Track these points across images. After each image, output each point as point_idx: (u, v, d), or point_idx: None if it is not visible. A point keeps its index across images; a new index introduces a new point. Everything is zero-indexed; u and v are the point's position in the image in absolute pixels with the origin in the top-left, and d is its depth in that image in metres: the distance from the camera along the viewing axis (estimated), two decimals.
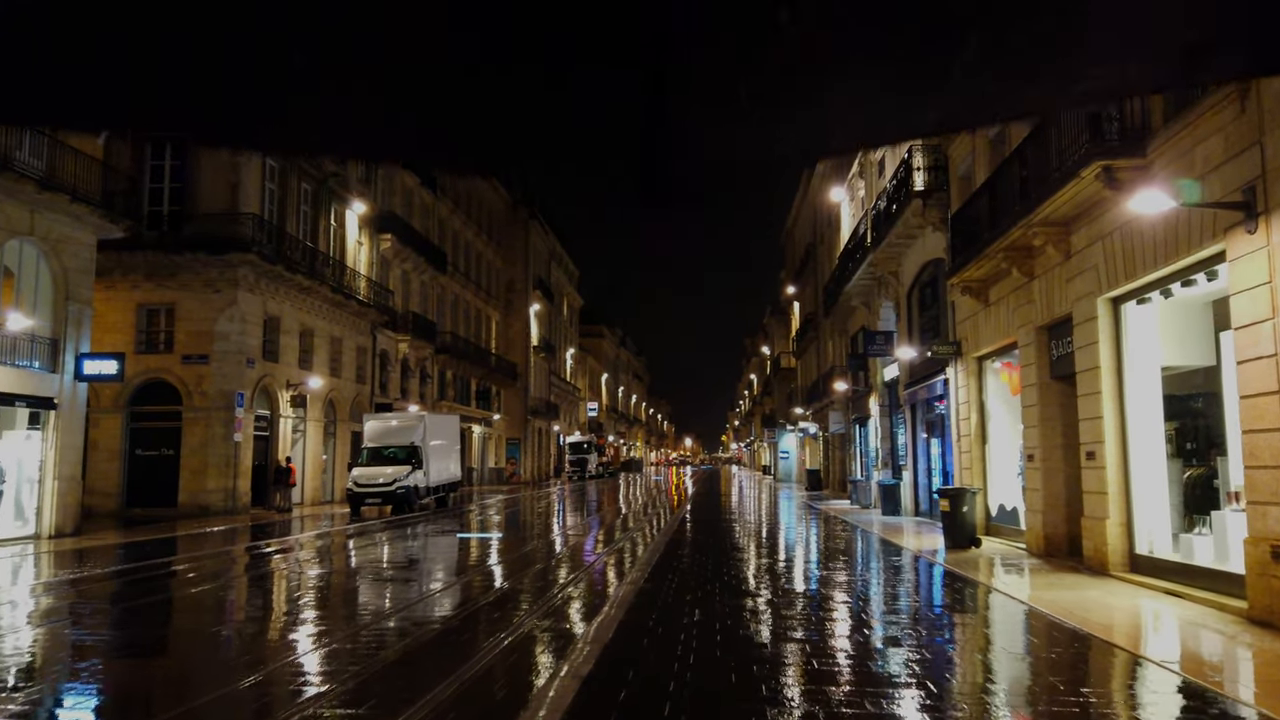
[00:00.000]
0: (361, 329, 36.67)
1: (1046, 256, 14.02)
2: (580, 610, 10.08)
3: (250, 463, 28.32)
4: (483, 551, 17.49)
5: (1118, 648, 8.07)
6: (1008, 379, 17.48)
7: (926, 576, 13.24)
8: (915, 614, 10.05)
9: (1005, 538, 16.97)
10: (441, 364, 47.23)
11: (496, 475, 58.42)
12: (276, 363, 29.95)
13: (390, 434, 29.75)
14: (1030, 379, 15.18)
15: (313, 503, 32.47)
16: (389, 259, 40.41)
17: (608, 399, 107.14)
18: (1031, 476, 15.18)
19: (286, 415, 30.49)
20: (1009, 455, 17.76)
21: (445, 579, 13.10)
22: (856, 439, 34.73)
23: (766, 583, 12.08)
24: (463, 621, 9.30)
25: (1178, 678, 7.07)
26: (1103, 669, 7.61)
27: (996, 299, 16.83)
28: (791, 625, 9.00)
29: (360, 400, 36.55)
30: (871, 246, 25.07)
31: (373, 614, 10.16)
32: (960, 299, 18.95)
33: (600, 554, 16.37)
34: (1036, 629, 9.02)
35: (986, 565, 13.97)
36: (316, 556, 16.86)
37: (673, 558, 14.83)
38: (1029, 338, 15.17)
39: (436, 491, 30.83)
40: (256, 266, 27.82)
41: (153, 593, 12.94)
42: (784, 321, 66.90)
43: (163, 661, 8.60)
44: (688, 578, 12.18)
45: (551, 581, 12.52)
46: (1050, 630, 8.89)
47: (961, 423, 19.37)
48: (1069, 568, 13.06)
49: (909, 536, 19.13)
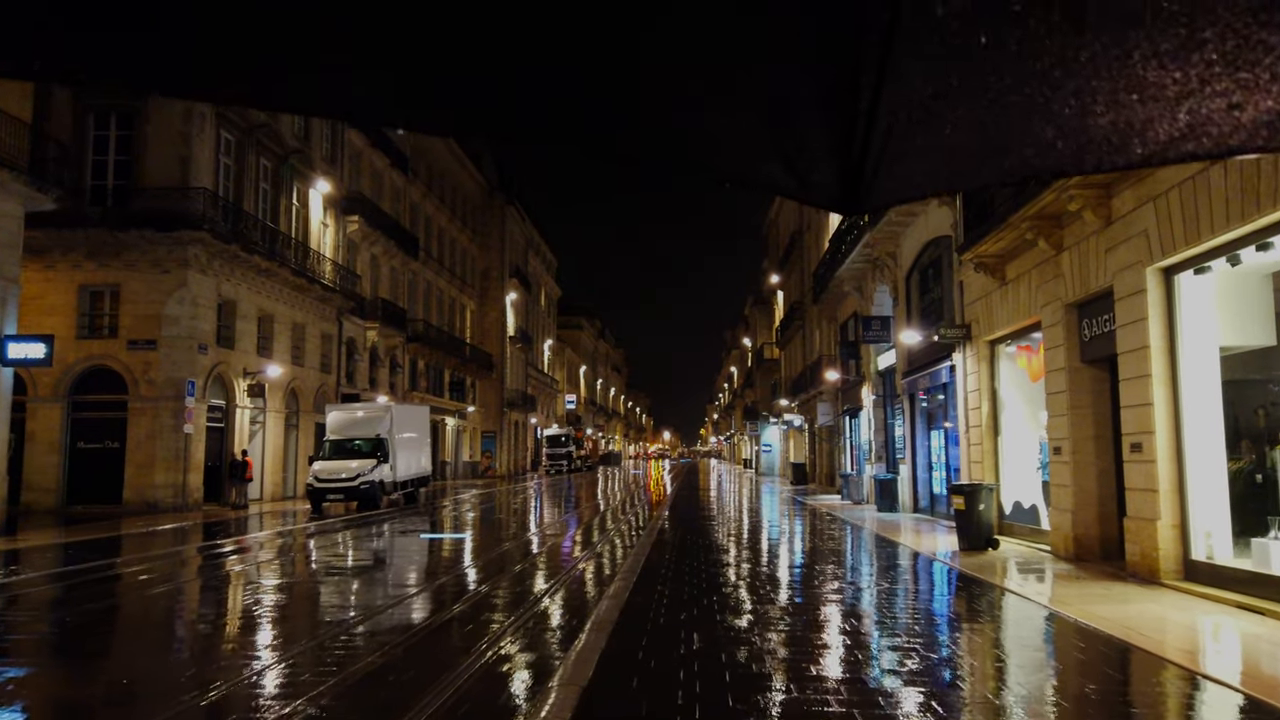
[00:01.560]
0: (326, 315, 34.74)
1: (1081, 224, 12.46)
2: (554, 635, 8.41)
3: (203, 456, 26.41)
4: (447, 556, 15.78)
5: (1210, 679, 6.51)
6: (1026, 364, 15.96)
7: (950, 585, 11.67)
8: (956, 636, 8.47)
9: (1023, 538, 15.46)
10: (413, 353, 45.34)
11: (471, 469, 56.59)
12: (232, 349, 28.02)
13: (354, 425, 27.95)
14: (1057, 363, 13.64)
15: (273, 499, 30.58)
16: (356, 242, 38.47)
17: (586, 391, 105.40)
18: (1058, 471, 13.65)
19: (243, 406, 28.56)
20: (1026, 448, 16.25)
21: (397, 593, 11.39)
22: (847, 431, 33.23)
23: (771, 597, 10.45)
24: (408, 653, 7.60)
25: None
26: (1209, 709, 6.04)
27: (1015, 276, 15.29)
28: (816, 657, 7.38)
29: (325, 390, 34.64)
30: (868, 225, 23.51)
31: (293, 640, 8.46)
32: (971, 278, 17.40)
33: (578, 558, 14.70)
34: (1098, 653, 7.45)
35: (1012, 571, 12.43)
36: (259, 562, 15.09)
37: (659, 563, 13.20)
38: (1055, 317, 13.63)
39: (405, 486, 29.06)
40: (209, 245, 25.87)
41: (89, 600, 11.22)
42: (767, 312, 65.43)
43: (97, 683, 7.14)
44: (678, 589, 10.54)
45: (521, 595, 10.85)
46: (1119, 657, 7.34)
47: (971, 412, 17.84)
48: (1109, 574, 11.54)
49: (914, 536, 17.60)
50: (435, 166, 50.56)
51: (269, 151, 30.51)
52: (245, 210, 28.55)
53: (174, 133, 26.06)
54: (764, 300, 66.40)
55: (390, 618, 9.18)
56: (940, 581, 12.14)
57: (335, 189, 35.54)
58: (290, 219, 32.30)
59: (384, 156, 41.03)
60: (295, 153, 32.30)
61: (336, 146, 36.52)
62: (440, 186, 51.64)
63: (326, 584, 12.34)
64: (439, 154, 51.05)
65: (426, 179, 48.74)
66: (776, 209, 56.98)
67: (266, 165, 30.61)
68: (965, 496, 14.58)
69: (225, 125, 27.78)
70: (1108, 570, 11.88)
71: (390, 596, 10.71)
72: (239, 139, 28.61)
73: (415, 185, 46.65)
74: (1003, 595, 10.58)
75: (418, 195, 47.19)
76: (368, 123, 2.88)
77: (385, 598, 10.63)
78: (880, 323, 24.52)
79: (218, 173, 27.59)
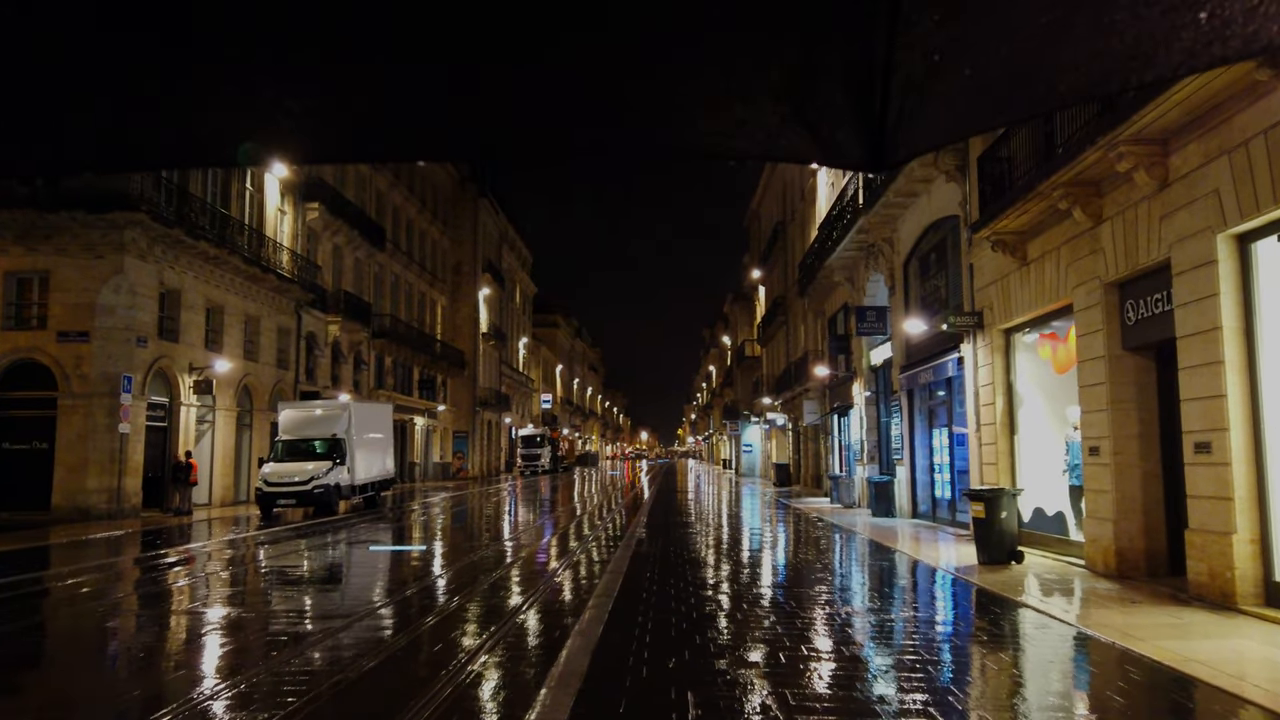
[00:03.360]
0: (284, 307, 32.62)
1: (1129, 188, 10.76)
2: (505, 695, 6.55)
3: (142, 458, 24.28)
4: (394, 574, 13.87)
5: None
6: (1050, 354, 14.27)
7: (981, 609, 9.89)
8: (1012, 681, 6.71)
9: (1047, 549, 13.76)
10: (379, 349, 43.24)
11: (442, 470, 54.50)
12: (176, 343, 25.89)
13: (309, 424, 25.92)
14: (1093, 350, 11.94)
15: (223, 503, 28.46)
16: (317, 231, 36.35)
17: (562, 391, 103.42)
18: (1095, 475, 11.95)
19: (189, 403, 26.44)
20: (1048, 447, 14.57)
21: (322, 626, 9.48)
22: (835, 430, 31.53)
23: (777, 632, 8.63)
24: None
25: None
26: None
27: (1039, 255, 13.58)
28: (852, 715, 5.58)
29: (283, 387, 32.53)
30: (863, 208, 21.80)
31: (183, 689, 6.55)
32: (984, 260, 15.71)
33: (545, 576, 12.84)
34: (1212, 712, 5.71)
35: (1049, 591, 10.71)
36: (188, 579, 13.12)
37: (638, 585, 11.38)
38: (1092, 298, 11.92)
39: (365, 490, 27.06)
40: (149, 229, 23.76)
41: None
42: (748, 308, 63.78)
43: None
44: (663, 622, 8.70)
45: (473, 629, 8.99)
46: (1226, 712, 5.61)
47: (983, 409, 16.15)
48: (1166, 596, 9.83)
49: (921, 546, 15.88)
50: None
51: None
52: (191, 193, 26.43)
53: None
54: (745, 296, 64.74)
55: (304, 667, 7.29)
56: (968, 604, 10.39)
57: (293, 174, 33.42)
58: (243, 204, 30.17)
59: None
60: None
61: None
62: (409, 176, 49.52)
63: (257, 603, 10.41)
64: None
65: (394, 167, 46.58)
66: (758, 200, 55.30)
67: None
68: (985, 503, 12.85)
69: None
70: (1162, 591, 10.18)
71: (319, 631, 8.81)
72: None
73: (381, 173, 44.54)
74: (1047, 623, 8.83)
75: (384, 184, 45.08)
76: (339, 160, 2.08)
77: (317, 632, 8.73)
78: (875, 313, 22.82)
79: None
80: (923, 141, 1.50)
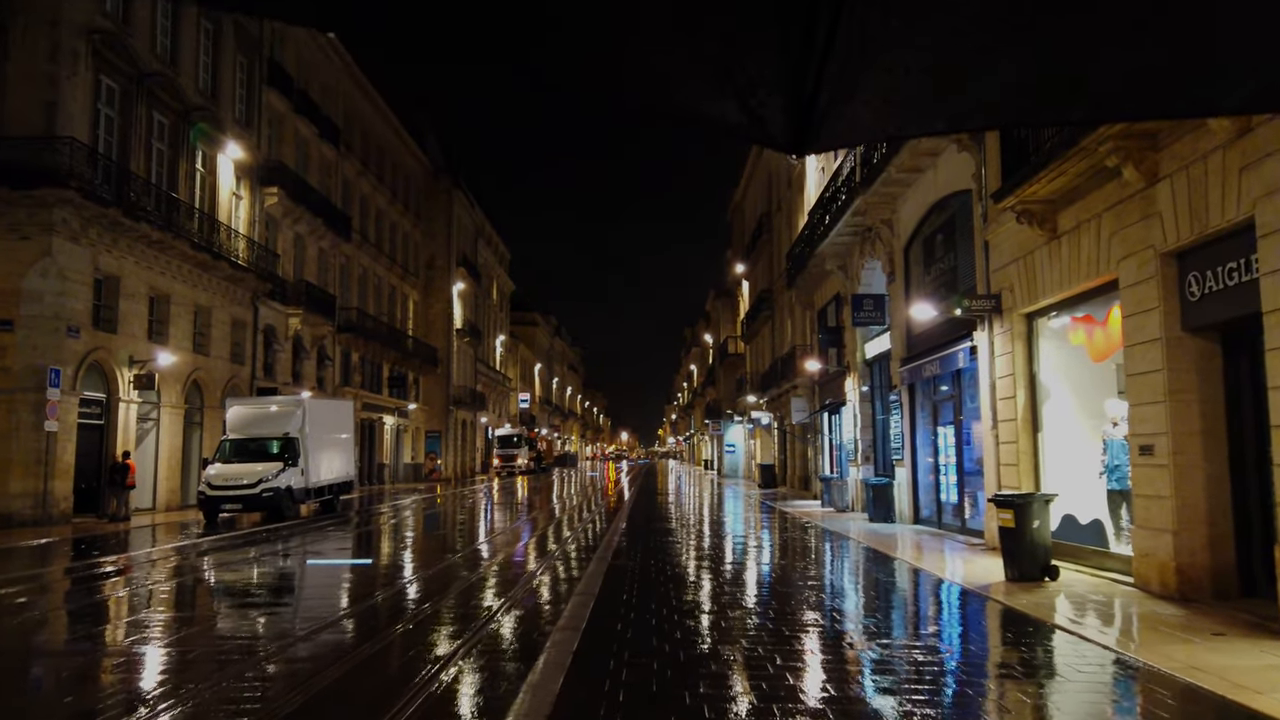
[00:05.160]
0: (239, 298, 30.52)
1: (1198, 136, 9.04)
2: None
3: (73, 459, 22.18)
4: (330, 594, 11.99)
5: None
6: (1084, 339, 12.54)
7: (1021, 641, 8.11)
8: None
9: (1081, 563, 12.05)
10: (345, 344, 41.16)
11: (414, 472, 52.43)
12: (114, 333, 23.80)
13: (259, 422, 23.94)
14: (1145, 333, 10.22)
15: (169, 508, 26.37)
16: (277, 218, 34.26)
17: (541, 390, 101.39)
18: (1148, 478, 10.23)
19: (129, 399, 24.34)
20: (1079, 446, 12.87)
21: (204, 669, 7.58)
22: (826, 429, 29.80)
23: (794, 686, 6.80)
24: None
25: None
26: None
27: (1073, 225, 11.86)
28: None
29: (238, 383, 30.44)
30: (861, 185, 20.05)
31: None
32: (1003, 236, 13.99)
33: (501, 605, 10.99)
34: None
35: (1102, 616, 8.97)
36: (107, 598, 11.16)
37: (612, 611, 9.58)
38: (1144, 271, 10.21)
39: (321, 493, 25.10)
40: (81, 209, 21.69)
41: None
42: (731, 304, 62.10)
43: None
44: (641, 674, 6.87)
45: (403, 675, 7.13)
46: None
47: (1000, 404, 14.43)
48: (1252, 625, 8.12)
49: (932, 558, 14.14)
50: (372, 141, 46.36)
51: (164, 106, 26.29)
52: (132, 171, 24.33)
53: (37, 73, 21.84)
54: (728, 292, 63.04)
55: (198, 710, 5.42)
56: (1011, 633, 8.61)
57: (250, 156, 31.32)
58: (193, 186, 28.06)
59: (310, 124, 36.82)
60: (199, 110, 28.10)
61: (252, 108, 32.29)
62: (379, 164, 47.43)
63: (157, 636, 8.50)
64: (377, 129, 46.87)
65: (362, 154, 44.53)
66: (741, 193, 53.61)
67: (162, 121, 26.37)
68: (1016, 511, 11.12)
69: (106, 70, 23.57)
70: (1242, 619, 8.46)
71: (223, 675, 6.93)
72: (124, 87, 24.40)
73: (349, 160, 42.45)
74: (1117, 662, 7.08)
75: (351, 171, 42.97)
76: None
77: (217, 686, 6.85)
78: (873, 301, 21.08)
79: (96, 125, 23.38)
80: (846, 133, 1.55)
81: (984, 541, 15.06)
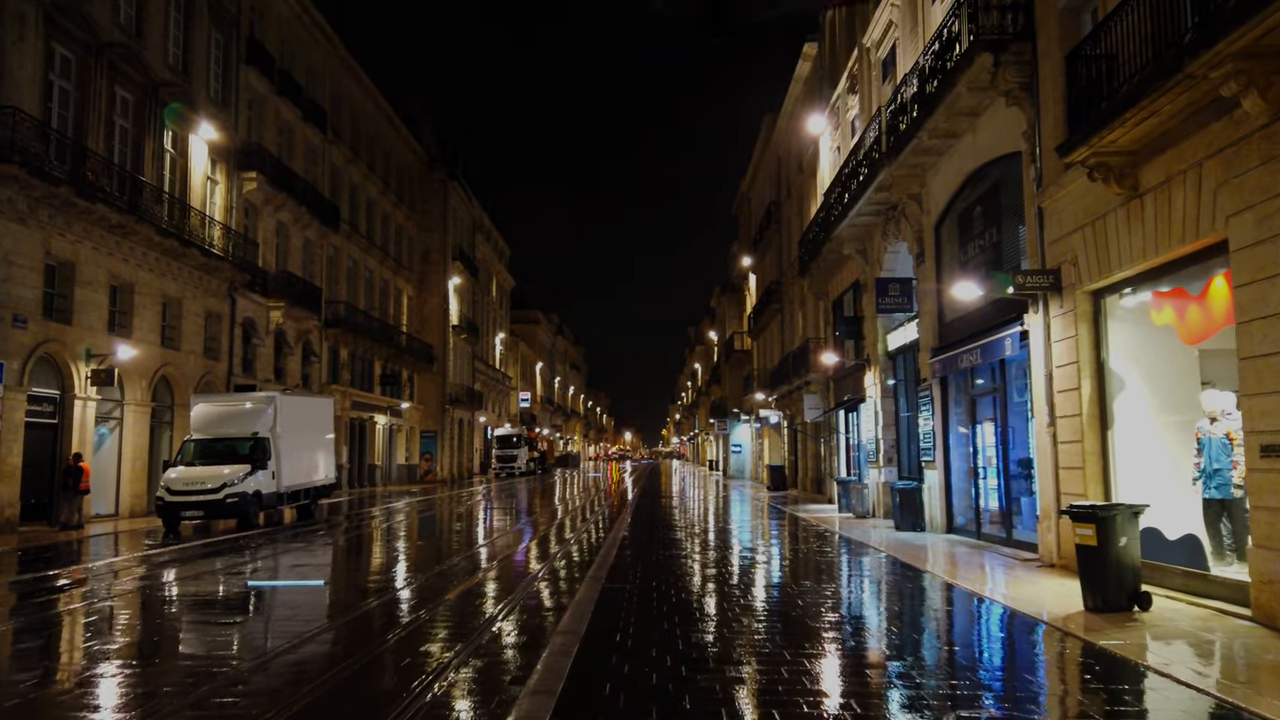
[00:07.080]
0: (214, 289, 28.56)
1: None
2: None
3: (20, 461, 20.21)
4: (248, 640, 10.00)
5: None
6: (1174, 318, 10.49)
7: (1130, 697, 6.08)
8: None
9: (1170, 588, 10.02)
10: (332, 340, 39.20)
11: (408, 473, 50.46)
12: (69, 325, 21.86)
13: (227, 421, 21.98)
14: (1267, 305, 8.19)
15: (133, 514, 24.41)
16: (257, 205, 32.30)
17: (542, 389, 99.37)
18: (1271, 485, 8.19)
19: (86, 397, 22.38)
20: (1163, 446, 10.86)
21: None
22: (843, 427, 27.74)
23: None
24: None
25: None
26: None
27: (1162, 179, 9.83)
28: None
29: (213, 380, 28.48)
30: (887, 156, 18.01)
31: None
32: (1065, 201, 11.97)
33: (471, 638, 8.97)
34: None
35: (1229, 664, 6.95)
36: (46, 624, 9.18)
37: (604, 643, 7.59)
38: (1265, 228, 8.18)
39: (297, 498, 23.12)
40: (27, 186, 19.73)
41: None
42: (737, 300, 60.04)
43: None
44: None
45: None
46: None
47: (1059, 397, 12.40)
48: None
49: (984, 578, 12.11)
50: (363, 128, 44.38)
51: (128, 80, 24.33)
52: (90, 149, 22.38)
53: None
54: (734, 287, 60.98)
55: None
56: (1117, 687, 6.57)
57: (226, 138, 29.38)
58: (160, 167, 26.11)
59: (294, 108, 34.84)
60: (168, 86, 26.14)
61: (229, 87, 30.32)
62: (370, 153, 45.46)
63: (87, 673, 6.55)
64: (368, 115, 44.90)
65: (352, 141, 42.57)
66: (748, 183, 51.57)
67: (125, 98, 24.42)
68: (1098, 525, 9.10)
69: (59, 37, 21.62)
70: None
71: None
72: (81, 58, 22.45)
73: (338, 147, 40.49)
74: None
75: (340, 159, 41.01)
76: None
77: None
78: (900, 286, 19.06)
79: (47, 96, 21.43)
80: (765, 6, 1.06)
81: (1038, 557, 13.03)
